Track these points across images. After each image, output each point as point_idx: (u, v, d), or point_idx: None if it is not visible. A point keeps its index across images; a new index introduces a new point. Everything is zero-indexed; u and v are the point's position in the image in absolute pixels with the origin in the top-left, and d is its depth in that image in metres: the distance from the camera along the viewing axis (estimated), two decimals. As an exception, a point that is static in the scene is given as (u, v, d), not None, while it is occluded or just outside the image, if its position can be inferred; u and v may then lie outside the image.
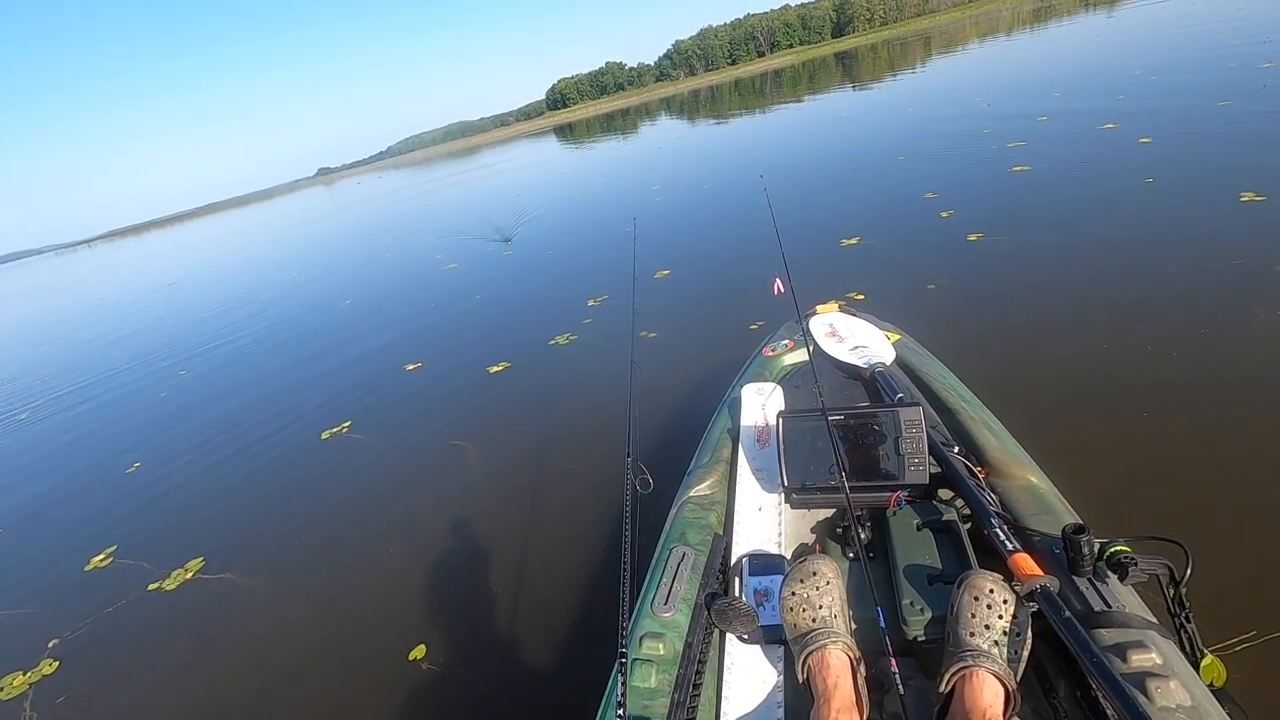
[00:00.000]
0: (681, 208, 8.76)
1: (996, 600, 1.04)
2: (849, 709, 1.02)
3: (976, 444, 1.51)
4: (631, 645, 1.20)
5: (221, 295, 11.83)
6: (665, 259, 6.17)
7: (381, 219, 18.84)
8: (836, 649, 1.07)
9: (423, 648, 2.26)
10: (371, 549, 2.94)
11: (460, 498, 3.17)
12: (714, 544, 1.45)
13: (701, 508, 1.55)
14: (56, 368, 9.00)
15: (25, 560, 3.63)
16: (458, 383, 4.57)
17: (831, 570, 1.18)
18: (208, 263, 20.63)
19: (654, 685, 1.13)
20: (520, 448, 3.48)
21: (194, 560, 3.13)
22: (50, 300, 22.22)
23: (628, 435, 1.53)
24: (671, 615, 1.25)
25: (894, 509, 1.38)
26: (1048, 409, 2.62)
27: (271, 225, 30.71)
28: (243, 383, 6.00)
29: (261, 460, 4.12)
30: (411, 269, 9.27)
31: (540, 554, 2.59)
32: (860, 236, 5.28)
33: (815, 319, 2.24)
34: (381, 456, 3.79)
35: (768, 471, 1.60)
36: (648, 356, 4.15)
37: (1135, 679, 0.92)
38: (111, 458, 4.88)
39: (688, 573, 1.34)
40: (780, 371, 2.10)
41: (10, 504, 4.53)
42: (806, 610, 1.13)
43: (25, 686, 2.59)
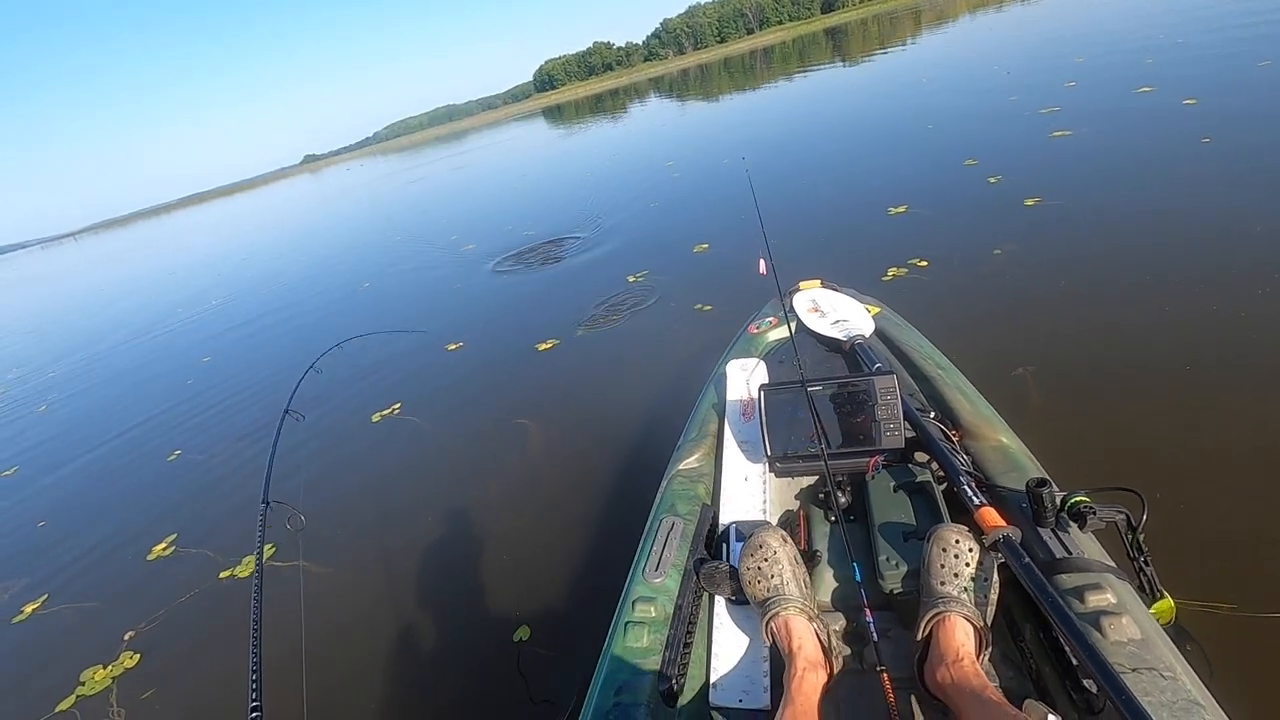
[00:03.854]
0: (700, 184, 8.60)
1: (963, 550, 1.11)
2: (815, 666, 1.09)
3: (951, 408, 1.60)
4: (624, 608, 1.28)
5: (235, 281, 11.61)
6: (701, 233, 6.04)
7: (381, 205, 18.56)
8: (791, 612, 1.15)
9: (526, 629, 2.17)
10: (440, 531, 2.84)
11: (526, 476, 3.08)
12: (702, 513, 1.51)
13: (690, 480, 1.62)
14: (67, 358, 8.81)
15: (80, 553, 3.50)
16: (505, 361, 4.44)
17: (776, 540, 1.24)
18: (208, 251, 20.29)
19: (646, 645, 1.19)
20: (583, 423, 3.38)
21: (266, 546, 3.01)
22: (49, 292, 21.85)
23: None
24: (661, 580, 1.31)
25: (873, 473, 1.44)
26: (1143, 374, 2.53)
27: (293, 209, 30.23)
28: (271, 369, 5.85)
29: (311, 444, 3.99)
30: (430, 253, 9.08)
31: (614, 529, 2.49)
32: (908, 204, 5.16)
33: (799, 295, 2.31)
34: (436, 437, 3.68)
35: (752, 443, 1.66)
36: (703, 330, 4.05)
37: (1090, 617, 1.00)
38: (148, 447, 4.74)
39: (677, 541, 1.40)
40: (764, 347, 2.14)
41: (50, 496, 4.39)
42: (760, 581, 1.21)
43: (108, 680, 2.48)
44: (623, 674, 1.16)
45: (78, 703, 2.41)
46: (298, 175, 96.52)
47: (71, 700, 2.43)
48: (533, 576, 2.42)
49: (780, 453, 1.54)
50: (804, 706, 1.02)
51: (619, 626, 1.25)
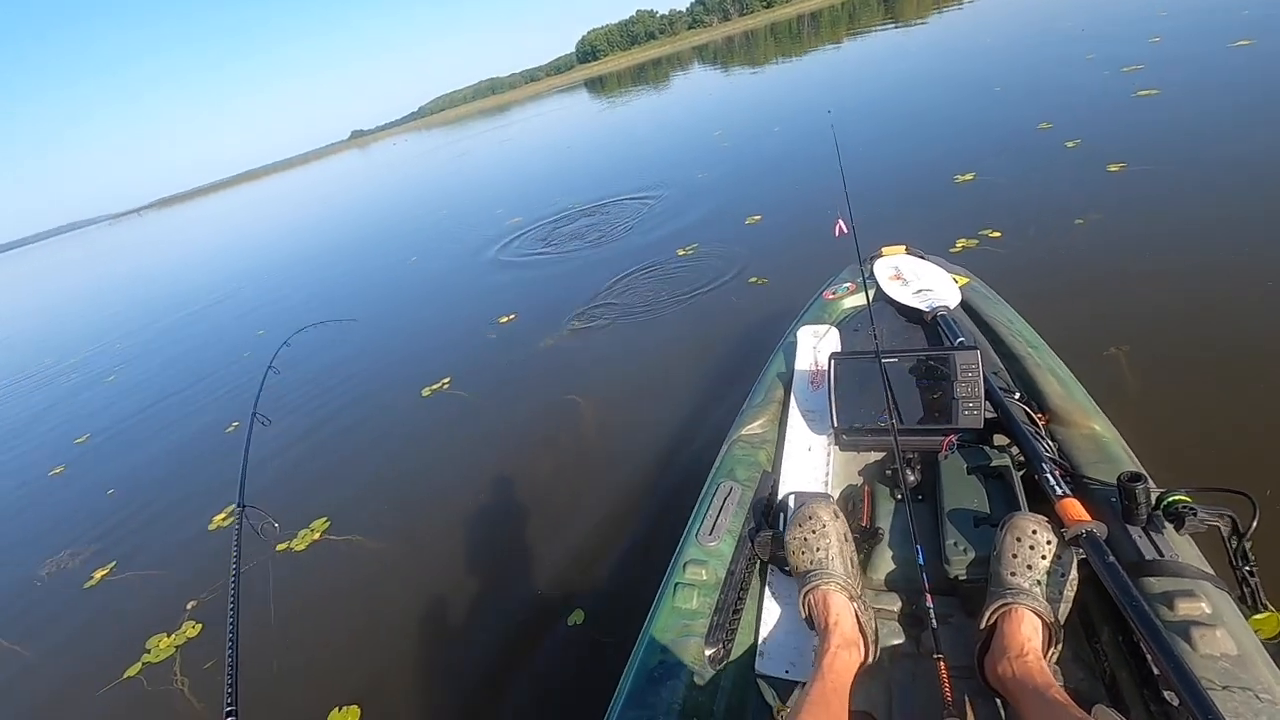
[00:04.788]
0: (753, 152, 8.31)
1: (1039, 541, 1.05)
2: (850, 644, 1.05)
3: (1039, 390, 1.50)
4: (675, 570, 1.28)
5: (284, 256, 11.86)
6: (752, 204, 5.82)
7: (420, 182, 18.67)
8: (832, 588, 1.12)
9: (580, 613, 2.11)
10: (492, 510, 2.80)
11: (578, 453, 3.01)
12: (761, 481, 1.49)
13: (751, 446, 1.59)
14: (135, 331, 9.15)
15: (146, 521, 3.61)
16: (555, 336, 4.37)
17: (828, 514, 1.20)
18: (263, 227, 20.82)
19: (694, 607, 1.20)
20: (635, 400, 3.28)
21: (319, 520, 3.03)
22: (121, 268, 22.81)
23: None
24: (715, 544, 1.30)
25: (945, 453, 1.37)
26: (1255, 359, 2.29)
27: (343, 185, 30.79)
28: (320, 341, 5.92)
29: (366, 420, 4.02)
30: (469, 228, 9.06)
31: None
32: (975, 172, 4.85)
33: (880, 261, 2.20)
34: (486, 413, 3.64)
35: (819, 413, 1.61)
36: (758, 304, 3.90)
37: (1179, 626, 0.93)
38: (208, 417, 4.86)
39: (734, 506, 1.39)
40: (839, 314, 2.08)
41: (118, 464, 4.54)
42: (805, 553, 1.18)
43: (171, 649, 2.53)
44: (670, 633, 1.17)
45: (144, 670, 2.47)
46: (346, 151, 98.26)
47: (138, 667, 2.48)
48: (586, 558, 2.36)
49: (847, 425, 1.48)
50: (834, 684, 0.98)
51: (669, 587, 1.25)
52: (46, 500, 4.33)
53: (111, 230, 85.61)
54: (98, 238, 68.61)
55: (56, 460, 4.90)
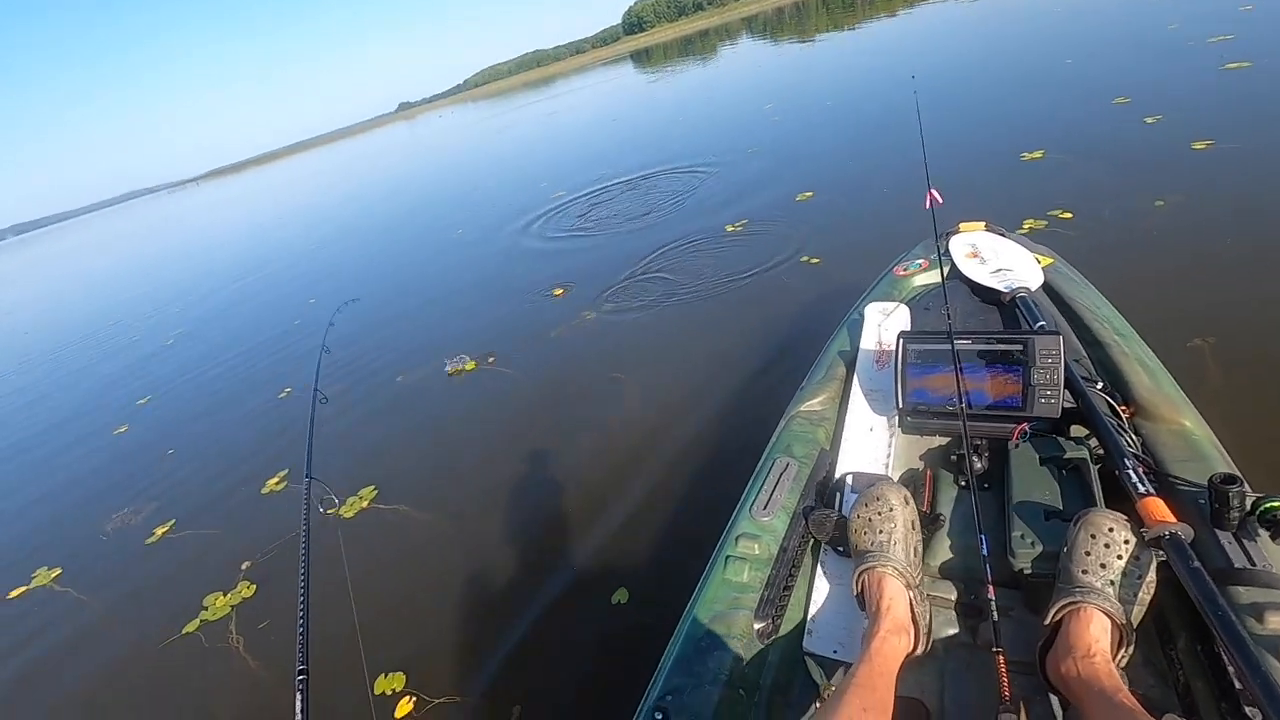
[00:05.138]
0: (804, 127, 8.07)
1: (1116, 540, 1.00)
2: (901, 631, 1.04)
3: (1125, 381, 1.42)
4: (727, 542, 1.27)
5: (334, 228, 12.07)
6: (804, 180, 5.66)
7: (466, 154, 18.72)
8: (889, 572, 1.09)
9: (624, 592, 2.10)
10: (535, 483, 2.80)
11: (621, 433, 2.98)
12: (819, 459, 1.47)
13: (810, 422, 1.57)
14: (191, 296, 9.46)
15: (203, 482, 3.73)
16: (599, 313, 4.33)
17: (898, 499, 1.17)
18: (311, 199, 21.22)
19: (745, 580, 1.20)
20: (680, 380, 3.23)
21: (366, 489, 3.08)
22: (181, 236, 23.56)
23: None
24: (769, 520, 1.29)
25: (1017, 441, 1.32)
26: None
27: (391, 158, 31.16)
28: (367, 313, 6.01)
29: (413, 393, 4.05)
30: (517, 196, 9.04)
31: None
32: (1044, 149, 4.61)
33: (957, 238, 2.10)
34: (532, 388, 3.63)
35: (883, 393, 1.57)
36: (810, 283, 3.78)
37: (1270, 641, 0.88)
38: (262, 381, 5.00)
39: (789, 483, 1.37)
40: (909, 292, 2.01)
41: (176, 425, 4.70)
42: (866, 533, 1.16)
43: (227, 609, 2.61)
44: (719, 604, 1.17)
45: (201, 627, 2.55)
46: (393, 123, 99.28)
47: (196, 624, 2.57)
48: (629, 537, 2.34)
49: (912, 407, 1.43)
50: (882, 669, 0.97)
51: (719, 559, 1.25)
52: (111, 458, 4.52)
53: (169, 199, 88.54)
54: (156, 206, 71.08)
55: (120, 420, 5.11)
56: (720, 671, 1.06)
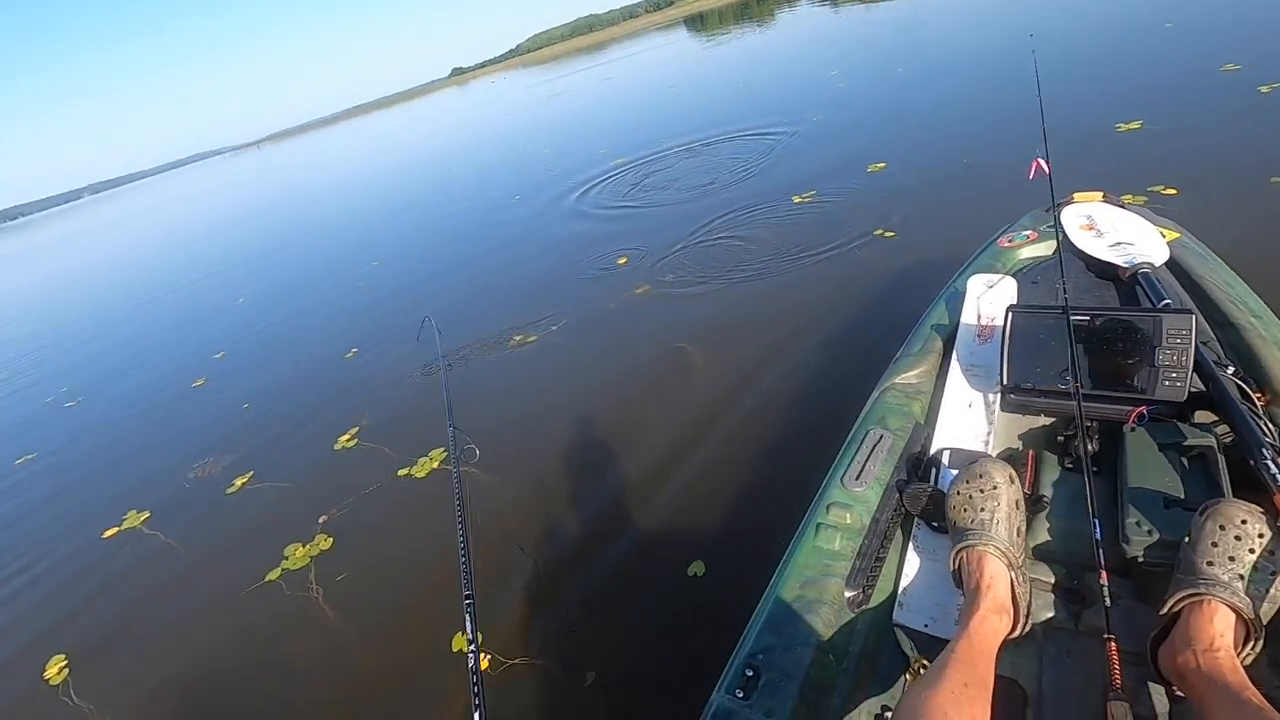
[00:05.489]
0: (874, 95, 7.75)
1: (1249, 533, 0.94)
2: (1000, 610, 1.02)
3: (1260, 365, 1.33)
4: (817, 510, 1.29)
5: (394, 191, 12.25)
6: (876, 150, 5.44)
7: (521, 120, 18.67)
8: (990, 551, 1.07)
9: (700, 564, 2.08)
10: (604, 450, 2.80)
11: (688, 404, 2.94)
12: (914, 432, 1.46)
13: (906, 395, 1.55)
14: (260, 257, 9.75)
15: (278, 436, 3.86)
16: (664, 282, 4.27)
17: (1002, 477, 1.14)
18: (374, 163, 21.55)
19: (837, 548, 1.22)
20: (750, 352, 3.17)
21: (437, 450, 3.13)
22: (248, 196, 24.24)
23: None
24: (862, 490, 1.30)
25: (1133, 425, 1.26)
26: None
27: (445, 124, 31.39)
28: (432, 277, 6.08)
29: (480, 358, 4.09)
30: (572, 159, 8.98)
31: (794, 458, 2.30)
32: (1141, 120, 4.31)
33: (1071, 209, 2.01)
34: (597, 357, 3.62)
35: (985, 368, 1.53)
36: (885, 257, 3.65)
37: None
38: (329, 341, 5.13)
39: (883, 454, 1.37)
40: (1015, 264, 1.95)
41: (251, 381, 4.88)
42: (967, 511, 1.13)
43: (306, 559, 2.70)
44: (810, 570, 1.19)
45: (283, 575, 2.65)
46: (446, 88, 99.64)
47: (278, 572, 2.67)
48: (704, 509, 2.32)
49: (1017, 384, 1.40)
50: (982, 647, 0.96)
51: (810, 526, 1.27)
52: (191, 409, 4.72)
53: (233, 161, 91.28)
54: (221, 168, 73.40)
55: (198, 373, 5.32)
56: (811, 635, 1.09)
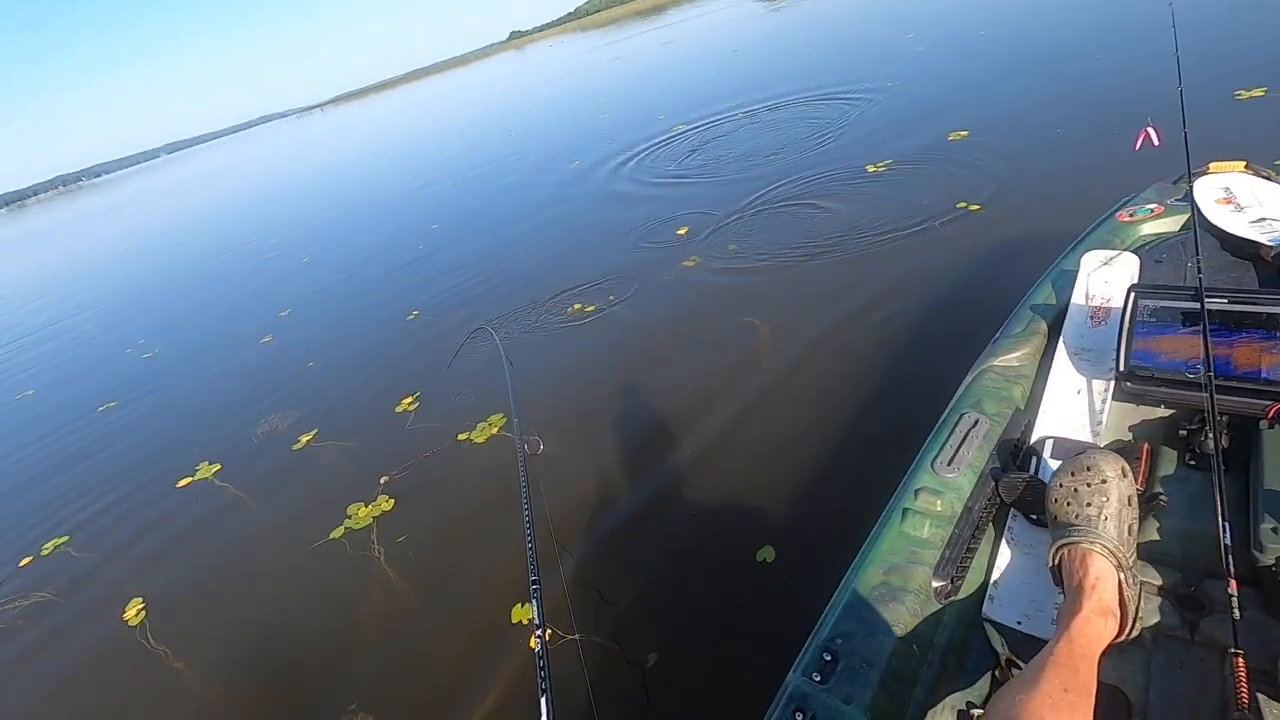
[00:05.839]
0: (954, 59, 7.30)
1: None
2: (1105, 613, 0.94)
3: None
4: (905, 495, 1.23)
5: (453, 154, 12.29)
6: (955, 116, 5.12)
7: (581, 85, 18.41)
8: (1096, 550, 0.99)
9: (770, 549, 2.00)
10: (668, 425, 2.72)
11: (758, 380, 2.84)
12: (1013, 418, 1.37)
13: (1005, 379, 1.47)
14: (326, 218, 9.95)
15: (340, 395, 3.92)
16: (724, 253, 4.13)
17: (1114, 471, 1.05)
18: (435, 126, 21.69)
19: (925, 535, 1.16)
20: (825, 328, 3.03)
21: (496, 416, 3.12)
22: (300, 158, 24.80)
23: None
24: (954, 476, 1.24)
25: (1271, 421, 1.15)
26: None
27: (504, 87, 31.41)
28: (488, 243, 6.06)
29: (540, 327, 4.05)
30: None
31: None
32: (1266, 87, 3.90)
33: (1205, 180, 1.82)
34: (660, 332, 3.53)
35: (1096, 353, 1.43)
36: (970, 231, 3.42)
37: None
38: (391, 300, 5.19)
39: (978, 440, 1.30)
40: (1135, 241, 1.80)
41: (315, 339, 4.98)
42: (1071, 505, 1.06)
43: (369, 519, 2.73)
44: (895, 557, 1.14)
45: (346, 534, 2.69)
46: (504, 52, 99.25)
47: (341, 531, 2.71)
48: (774, 492, 2.23)
49: (1134, 371, 1.29)
50: (1084, 651, 0.89)
51: (896, 511, 1.22)
52: (258, 365, 4.85)
53: (298, 124, 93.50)
54: (287, 130, 75.32)
55: (265, 330, 5.47)
56: (894, 623, 1.05)
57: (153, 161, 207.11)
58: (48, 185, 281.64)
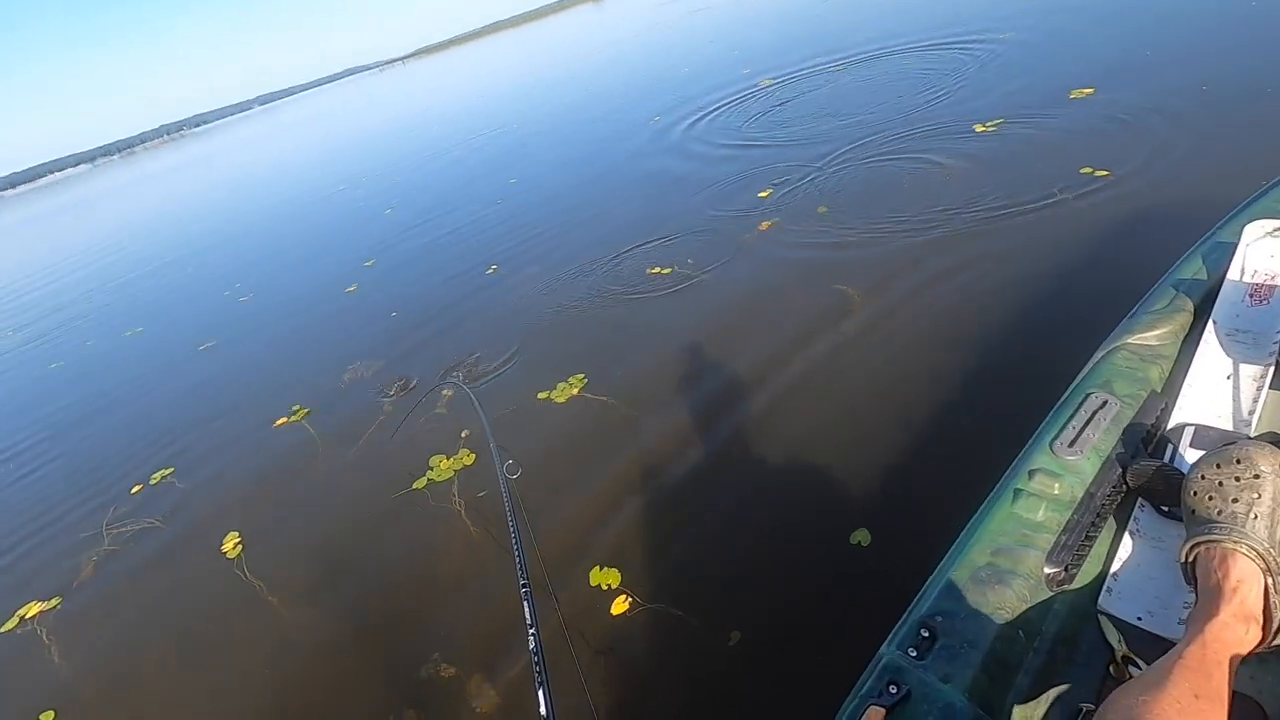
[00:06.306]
0: (1081, 5, 6.61)
1: None
2: (1247, 620, 0.85)
3: None
4: (1018, 475, 1.17)
5: (530, 107, 12.24)
6: (1079, 72, 4.66)
7: (661, 38, 17.91)
8: (1241, 550, 0.89)
9: (864, 533, 1.89)
10: (752, 394, 2.62)
11: (853, 351, 2.69)
12: (1147, 401, 1.26)
13: (1140, 358, 1.35)
14: (408, 170, 10.12)
15: (421, 345, 3.99)
16: (813, 215, 3.92)
17: (1269, 465, 0.93)
18: (515, 79, 21.68)
19: (1039, 519, 1.11)
20: (925, 301, 2.83)
21: (576, 376, 3.08)
22: (382, 109, 25.31)
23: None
24: (1076, 459, 1.16)
25: None
26: None
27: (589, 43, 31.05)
28: (565, 203, 5.99)
29: (612, 287, 3.98)
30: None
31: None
32: None
33: None
34: (743, 294, 3.39)
35: (1255, 335, 1.31)
36: (1097, 201, 3.11)
37: None
38: (471, 253, 5.24)
39: (1105, 422, 1.21)
40: None
41: (398, 290, 5.08)
42: (1214, 499, 0.96)
43: (450, 473, 2.77)
44: (1004, 539, 1.09)
45: (428, 486, 2.73)
46: (583, 4, 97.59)
47: (423, 482, 2.75)
48: (869, 471, 2.11)
49: None
50: (1219, 657, 0.82)
51: (1007, 491, 1.16)
52: (344, 313, 5.01)
53: (380, 76, 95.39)
54: (368, 83, 77.00)
55: (350, 279, 5.63)
56: (999, 606, 1.00)
57: (248, 112, 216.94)
58: (154, 134, 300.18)
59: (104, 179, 57.80)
